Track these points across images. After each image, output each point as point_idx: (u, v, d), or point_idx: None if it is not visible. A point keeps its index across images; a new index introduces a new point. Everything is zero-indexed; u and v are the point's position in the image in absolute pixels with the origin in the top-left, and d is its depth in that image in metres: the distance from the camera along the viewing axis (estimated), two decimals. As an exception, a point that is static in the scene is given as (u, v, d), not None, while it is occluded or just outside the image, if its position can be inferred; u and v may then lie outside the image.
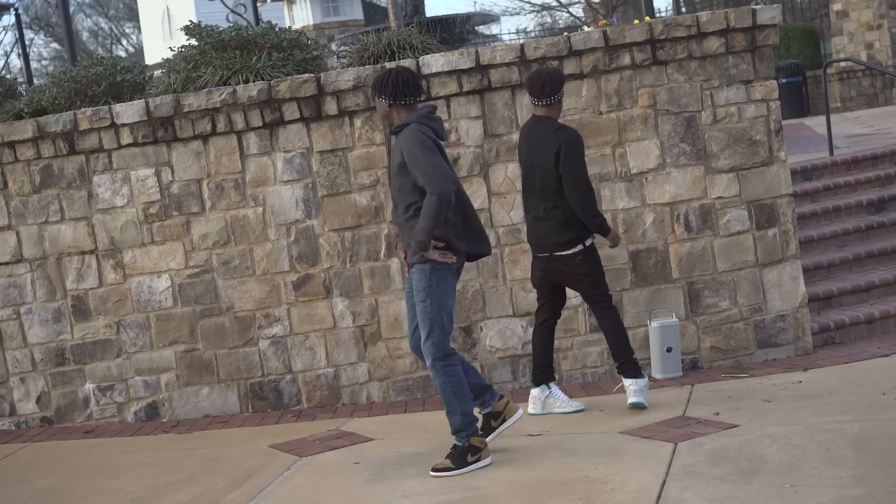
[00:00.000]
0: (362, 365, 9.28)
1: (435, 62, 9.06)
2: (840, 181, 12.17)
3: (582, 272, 8.01)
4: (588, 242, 8.01)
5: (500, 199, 9.09)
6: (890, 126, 17.10)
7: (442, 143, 7.13)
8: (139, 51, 43.78)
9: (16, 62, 38.11)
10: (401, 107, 7.11)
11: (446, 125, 9.01)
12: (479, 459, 7.10)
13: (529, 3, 51.79)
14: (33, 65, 20.96)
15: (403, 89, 7.10)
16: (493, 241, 8.94)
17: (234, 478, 7.47)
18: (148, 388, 9.40)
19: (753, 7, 9.22)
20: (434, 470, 7.06)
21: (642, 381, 8.04)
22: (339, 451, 7.89)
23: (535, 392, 8.27)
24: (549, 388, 8.25)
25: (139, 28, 43.91)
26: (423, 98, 7.80)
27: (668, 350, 8.87)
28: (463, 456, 7.08)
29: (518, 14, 63.61)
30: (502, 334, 9.12)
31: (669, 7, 39.39)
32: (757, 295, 9.20)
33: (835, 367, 8.72)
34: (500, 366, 9.22)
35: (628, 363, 8.05)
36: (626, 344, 8.08)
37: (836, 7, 26.14)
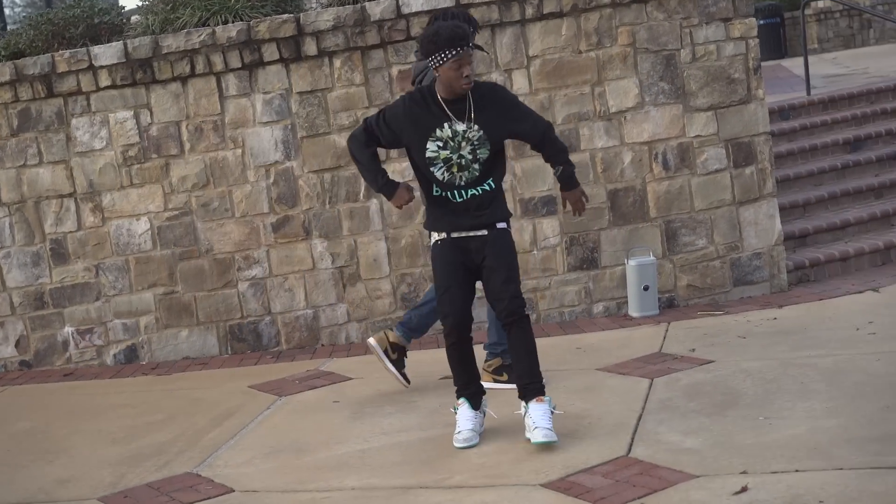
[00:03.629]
0: (341, 306, 9.32)
1: (415, 1, 9.02)
2: (817, 121, 12.23)
3: None
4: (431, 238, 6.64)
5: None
6: (867, 66, 17.14)
7: None
8: (117, -4, 43.30)
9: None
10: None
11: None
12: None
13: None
14: (6, 11, 20.73)
15: None
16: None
17: (214, 417, 7.53)
18: (127, 330, 9.43)
19: (734, -57, 9.22)
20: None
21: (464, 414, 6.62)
22: (318, 390, 7.94)
23: None
24: None
25: (116, -27, 43.41)
26: None
27: (646, 288, 8.93)
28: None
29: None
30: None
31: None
32: (733, 233, 9.26)
33: (809, 304, 8.80)
34: (477, 304, 9.25)
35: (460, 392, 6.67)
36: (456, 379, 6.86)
37: (816, -53, 26.03)
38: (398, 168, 8.92)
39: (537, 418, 6.26)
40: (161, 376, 8.95)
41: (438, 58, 6.18)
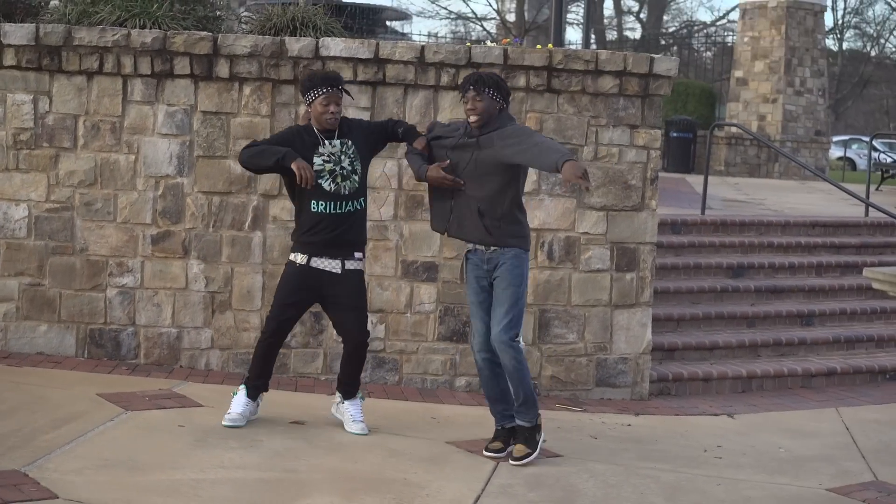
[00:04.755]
0: (207, 331, 9.21)
1: (334, 46, 9.05)
2: (706, 241, 12.44)
3: None
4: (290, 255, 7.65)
5: (374, 193, 9.08)
6: (765, 197, 17.51)
7: None
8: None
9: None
10: (502, 108, 7.27)
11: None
12: (542, 436, 7.37)
13: (445, 9, 51.93)
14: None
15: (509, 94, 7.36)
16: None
17: (56, 419, 7.36)
18: (-15, 314, 9.23)
19: (652, 55, 9.39)
20: (516, 459, 7.20)
21: (239, 399, 7.61)
22: (166, 410, 7.82)
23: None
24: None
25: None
26: None
27: (509, 371, 8.94)
28: (534, 436, 7.30)
29: (433, 17, 63.71)
30: (350, 326, 9.11)
31: (579, 41, 39.80)
32: (605, 334, 9.35)
33: (665, 417, 8.90)
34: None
35: (247, 381, 7.66)
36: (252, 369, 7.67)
37: (738, 74, 26.72)
38: (287, 206, 8.90)
39: (354, 413, 7.62)
40: (11, 367, 8.72)
41: (311, 94, 7.35)
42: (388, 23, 21.18)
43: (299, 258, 7.46)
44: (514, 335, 7.19)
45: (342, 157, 7.39)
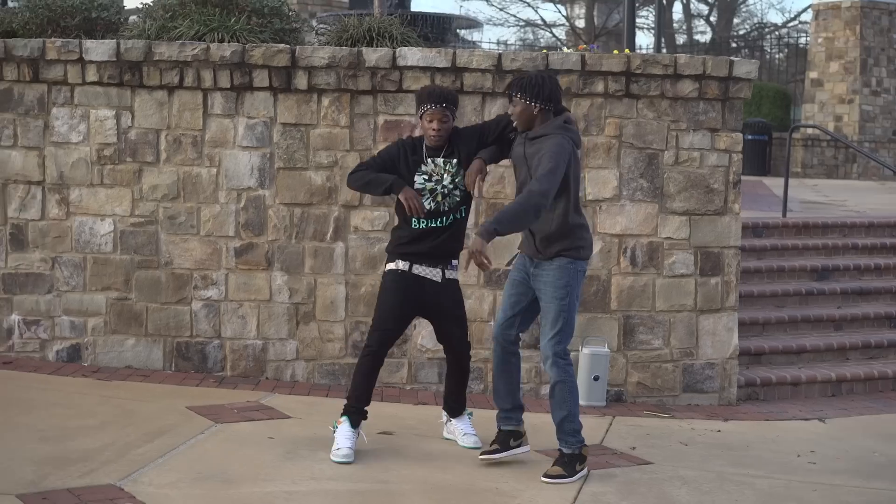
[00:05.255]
0: (291, 342, 9.23)
1: (412, 55, 9.04)
2: (788, 243, 12.29)
3: None
4: (388, 265, 7.44)
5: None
6: (846, 198, 17.30)
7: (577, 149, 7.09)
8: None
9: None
10: (545, 111, 7.01)
11: (412, 120, 9.01)
12: (584, 468, 7.03)
13: (514, 16, 51.89)
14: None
15: (556, 96, 7.05)
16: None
17: (147, 432, 7.40)
18: (74, 329, 9.29)
19: (732, 58, 9.30)
20: (547, 476, 6.90)
21: (344, 432, 7.19)
22: (255, 423, 7.84)
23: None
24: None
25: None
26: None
27: (596, 378, 8.91)
28: (573, 464, 6.98)
29: (501, 25, 63.72)
30: (433, 335, 9.07)
31: (651, 46, 39.67)
32: (690, 339, 9.26)
33: (755, 422, 8.79)
34: (427, 366, 9.22)
35: (349, 408, 7.28)
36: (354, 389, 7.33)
37: (813, 75, 26.46)
38: (368, 216, 8.96)
39: (464, 427, 7.60)
40: (101, 381, 8.79)
41: (420, 109, 7.26)
42: (459, 31, 21.16)
43: (400, 265, 7.26)
44: (561, 350, 6.99)
45: (444, 175, 7.20)
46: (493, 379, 7.37)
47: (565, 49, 9.71)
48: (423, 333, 9.11)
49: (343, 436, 7.12)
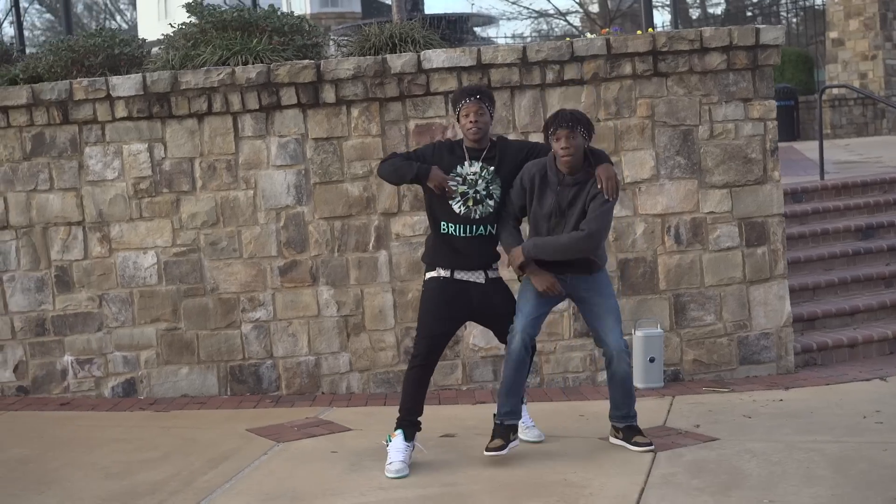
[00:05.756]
0: (344, 355, 9.25)
1: (436, 57, 9.04)
2: (829, 206, 12.20)
3: None
4: (428, 274, 7.32)
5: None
6: (880, 155, 17.16)
7: None
8: (133, 27, 43.58)
9: (8, 30, 38.03)
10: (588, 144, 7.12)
11: (443, 122, 9.01)
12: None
13: (527, 8, 51.78)
14: (25, 34, 20.75)
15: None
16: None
17: (210, 459, 7.43)
18: (127, 364, 9.34)
19: (757, 26, 9.24)
20: (639, 445, 7.18)
21: (396, 445, 7.09)
22: (316, 438, 7.85)
23: None
24: None
25: (134, 5, 43.71)
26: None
27: (651, 360, 8.87)
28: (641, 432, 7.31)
29: (514, 19, 63.55)
30: (486, 334, 9.06)
31: (667, 23, 39.47)
32: (742, 311, 9.21)
33: (816, 388, 8.73)
34: (481, 364, 9.21)
35: (402, 421, 7.19)
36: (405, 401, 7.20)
37: (833, 35, 26.28)
38: (409, 222, 8.97)
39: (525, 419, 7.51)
40: (158, 413, 8.85)
41: (457, 108, 7.16)
42: (474, 29, 21.17)
43: (441, 272, 7.14)
44: (625, 343, 7.18)
45: (479, 180, 7.04)
46: (504, 373, 7.22)
47: (588, 35, 9.65)
48: (474, 332, 9.10)
49: (395, 450, 7.02)
